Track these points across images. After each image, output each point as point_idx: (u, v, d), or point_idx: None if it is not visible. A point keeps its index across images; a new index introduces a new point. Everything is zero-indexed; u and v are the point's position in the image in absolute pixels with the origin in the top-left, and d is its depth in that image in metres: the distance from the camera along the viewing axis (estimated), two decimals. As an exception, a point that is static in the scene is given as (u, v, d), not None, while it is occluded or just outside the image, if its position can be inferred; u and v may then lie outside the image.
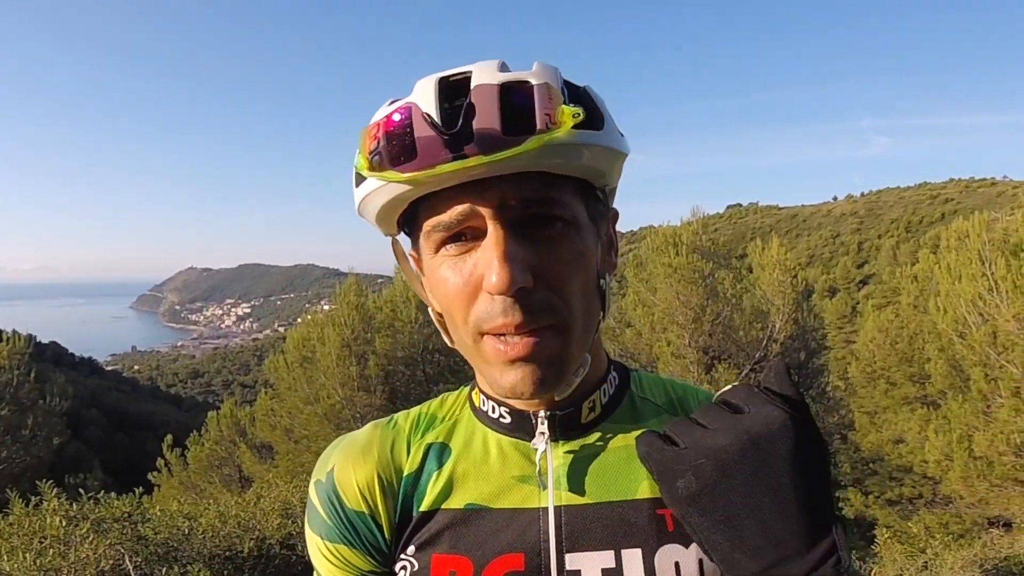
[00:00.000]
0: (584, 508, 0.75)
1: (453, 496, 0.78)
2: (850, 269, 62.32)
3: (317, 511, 0.81)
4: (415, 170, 0.64)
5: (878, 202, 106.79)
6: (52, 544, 3.38)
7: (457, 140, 0.63)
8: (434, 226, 0.69)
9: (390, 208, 0.71)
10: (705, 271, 11.31)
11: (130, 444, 29.19)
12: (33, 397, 9.32)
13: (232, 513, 4.68)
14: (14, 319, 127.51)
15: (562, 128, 0.64)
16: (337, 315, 11.80)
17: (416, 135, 0.64)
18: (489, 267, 0.65)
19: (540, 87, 0.65)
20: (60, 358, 49.94)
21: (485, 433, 0.82)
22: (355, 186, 0.72)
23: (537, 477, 0.77)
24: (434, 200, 0.68)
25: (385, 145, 0.66)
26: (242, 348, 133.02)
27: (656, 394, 0.86)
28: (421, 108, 0.65)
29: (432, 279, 0.73)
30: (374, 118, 0.69)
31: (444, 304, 0.73)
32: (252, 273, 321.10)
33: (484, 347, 0.70)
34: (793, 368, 12.36)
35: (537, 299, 0.66)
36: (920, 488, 10.16)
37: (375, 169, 0.67)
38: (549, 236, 0.68)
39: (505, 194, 0.66)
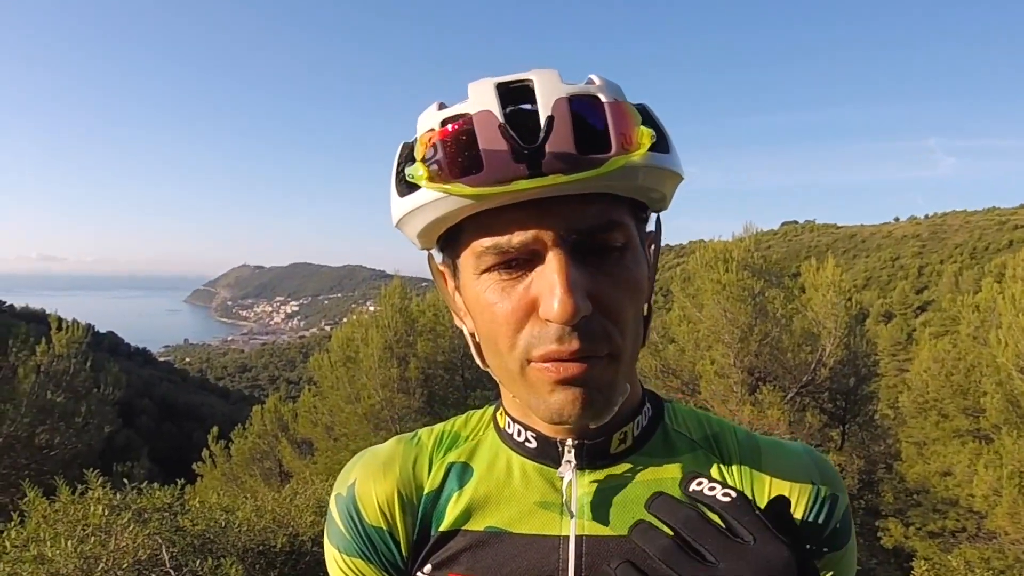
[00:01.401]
0: (606, 540, 0.74)
1: (473, 518, 0.77)
2: (908, 294, 60.61)
3: (336, 524, 0.81)
4: (484, 185, 0.59)
5: (942, 225, 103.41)
6: (94, 532, 3.47)
7: (535, 155, 0.59)
8: (488, 247, 0.64)
9: (440, 223, 0.66)
10: (755, 289, 11.09)
11: (178, 434, 29.86)
12: (88, 385, 9.56)
13: (268, 508, 4.74)
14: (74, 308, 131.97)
15: (640, 150, 0.62)
16: (381, 317, 11.93)
17: (483, 146, 0.60)
18: (550, 295, 0.61)
19: (613, 104, 0.62)
20: (116, 348, 51.60)
21: (509, 456, 0.80)
22: (398, 196, 0.67)
23: (561, 505, 0.76)
24: (489, 217, 0.63)
25: (447, 155, 0.61)
26: (289, 345, 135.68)
27: (691, 428, 0.82)
28: (491, 116, 0.61)
29: (474, 300, 0.69)
30: (425, 123, 0.66)
31: (487, 328, 0.68)
32: (302, 272, 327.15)
33: (530, 373, 0.66)
34: (841, 394, 12.05)
35: (595, 326, 0.63)
36: (964, 522, 9.84)
37: (436, 180, 0.61)
38: (607, 261, 0.65)
39: (570, 217, 0.62)
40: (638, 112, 0.65)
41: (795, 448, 0.81)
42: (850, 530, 0.78)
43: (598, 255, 0.65)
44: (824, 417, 11.79)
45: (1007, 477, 8.25)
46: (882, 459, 12.91)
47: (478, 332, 0.71)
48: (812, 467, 0.78)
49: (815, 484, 0.76)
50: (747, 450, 0.80)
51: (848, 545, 0.77)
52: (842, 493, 0.78)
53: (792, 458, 0.79)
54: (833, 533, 0.76)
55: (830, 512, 0.76)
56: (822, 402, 11.95)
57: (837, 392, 12.02)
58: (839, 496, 0.77)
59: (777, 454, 0.79)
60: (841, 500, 0.77)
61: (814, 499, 0.76)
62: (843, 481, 0.80)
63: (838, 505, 0.77)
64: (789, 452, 0.80)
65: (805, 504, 0.75)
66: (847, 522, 0.77)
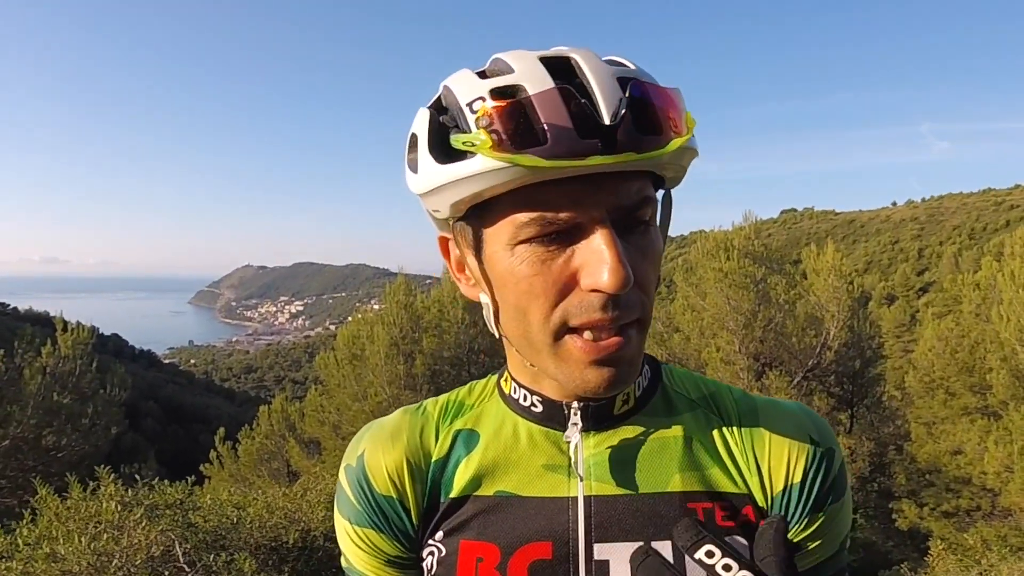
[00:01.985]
0: (614, 499, 0.75)
1: (482, 483, 0.78)
2: (910, 276, 60.63)
3: (347, 495, 0.82)
4: (557, 158, 0.60)
5: (940, 208, 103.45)
6: (106, 529, 3.47)
7: (610, 133, 0.61)
8: (533, 219, 0.65)
9: (486, 193, 0.66)
10: (757, 276, 11.12)
11: (184, 436, 29.94)
12: (94, 387, 9.57)
13: (279, 504, 4.74)
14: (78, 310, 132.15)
15: (688, 133, 0.66)
16: (386, 314, 11.95)
17: (545, 120, 0.60)
18: (599, 265, 0.63)
19: (669, 90, 0.66)
20: (121, 350, 51.71)
21: (516, 421, 0.81)
22: (436, 163, 0.67)
23: (568, 466, 0.77)
24: (532, 191, 0.64)
25: (509, 126, 0.61)
26: (294, 345, 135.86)
27: (689, 388, 0.84)
28: (556, 93, 0.61)
29: (504, 271, 0.69)
30: (468, 90, 0.66)
31: (517, 299, 0.69)
32: (306, 272, 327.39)
33: (566, 345, 0.68)
34: (848, 377, 12.06)
35: (631, 297, 0.67)
36: (978, 500, 9.87)
37: (497, 149, 0.61)
38: (636, 235, 0.68)
39: (619, 193, 0.65)
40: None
41: (790, 406, 0.83)
42: (845, 484, 0.80)
43: (632, 230, 0.68)
44: (832, 400, 11.81)
45: (1018, 453, 8.32)
46: (892, 440, 12.93)
47: (502, 302, 0.72)
48: (808, 424, 0.80)
49: (813, 439, 0.79)
50: (744, 409, 0.81)
51: (844, 498, 0.79)
52: (837, 447, 0.81)
53: (788, 416, 0.81)
54: (831, 486, 0.78)
55: (828, 466, 0.78)
56: (829, 385, 11.97)
57: (843, 375, 12.03)
58: (835, 450, 0.80)
59: (774, 413, 0.81)
60: (836, 454, 0.80)
61: (812, 455, 0.78)
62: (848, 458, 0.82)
63: (834, 459, 0.79)
64: (785, 410, 0.82)
65: (806, 459, 0.77)
66: (843, 474, 0.80)
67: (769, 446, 0.78)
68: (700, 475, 0.76)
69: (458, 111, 0.66)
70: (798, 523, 0.76)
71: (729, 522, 0.74)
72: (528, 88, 0.62)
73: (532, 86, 0.62)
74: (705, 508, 0.74)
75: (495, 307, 0.74)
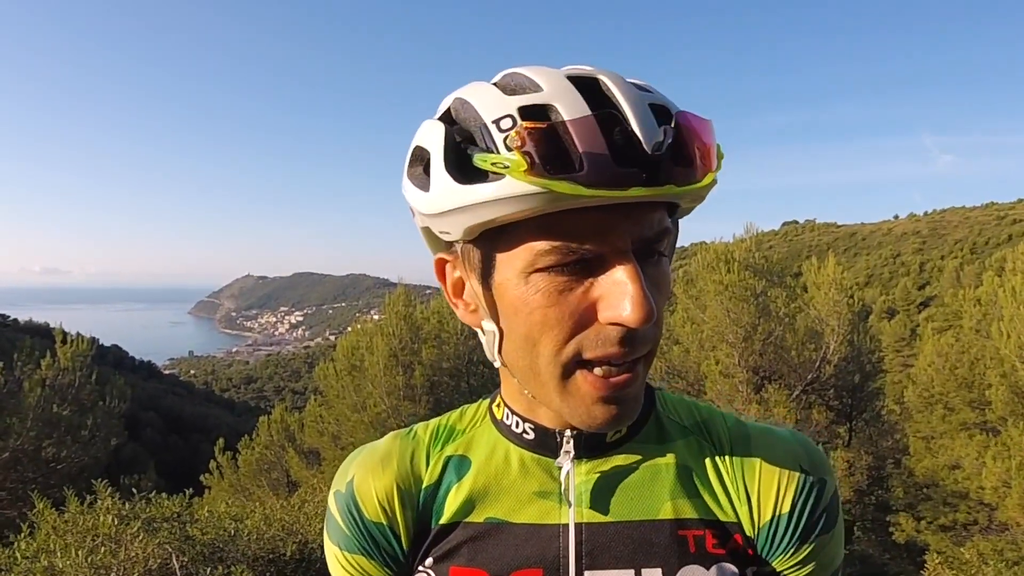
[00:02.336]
0: (605, 526, 0.75)
1: (473, 510, 0.77)
2: (910, 290, 60.50)
3: (336, 521, 0.81)
4: (597, 187, 0.58)
5: (942, 222, 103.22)
6: (104, 542, 3.48)
7: (653, 164, 0.59)
8: (556, 248, 0.62)
9: (509, 217, 0.62)
10: (757, 289, 11.10)
11: (184, 446, 29.87)
12: (93, 398, 9.53)
13: (277, 516, 4.75)
14: (78, 322, 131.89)
15: (719, 167, 0.65)
16: (386, 325, 11.92)
17: (583, 148, 0.57)
18: (622, 298, 0.61)
19: (707, 122, 0.64)
20: (121, 361, 51.66)
21: (507, 447, 0.80)
22: (455, 182, 0.62)
23: (559, 493, 0.77)
24: (555, 218, 0.61)
25: (543, 150, 0.58)
26: (294, 355, 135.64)
27: (682, 414, 0.83)
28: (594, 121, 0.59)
29: (515, 300, 0.67)
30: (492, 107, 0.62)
31: (527, 329, 0.67)
32: (306, 282, 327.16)
33: (576, 380, 0.67)
34: (847, 391, 12.04)
35: (647, 331, 0.65)
36: (975, 514, 9.83)
37: (531, 173, 0.58)
38: (651, 266, 0.66)
39: (644, 225, 0.64)
40: None
41: (783, 435, 0.82)
42: (837, 515, 0.79)
43: (649, 262, 0.66)
44: (831, 414, 11.77)
45: (1016, 468, 8.25)
46: (890, 454, 12.87)
47: (511, 331, 0.70)
48: (801, 453, 0.79)
49: (804, 469, 0.77)
50: (737, 437, 0.80)
51: (835, 529, 0.78)
52: (829, 478, 0.79)
53: (781, 444, 0.80)
54: (820, 517, 0.77)
55: (818, 497, 0.77)
56: (828, 399, 11.93)
57: (843, 389, 12.00)
58: (827, 480, 0.78)
59: (766, 441, 0.80)
60: (828, 485, 0.78)
61: (802, 485, 0.77)
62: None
63: (826, 489, 0.78)
64: (777, 438, 0.80)
65: (795, 489, 0.76)
66: (834, 507, 0.78)
67: (759, 475, 0.77)
68: (692, 502, 0.76)
69: (481, 128, 0.62)
70: (784, 552, 0.76)
71: (720, 549, 0.74)
72: (561, 110, 0.59)
73: (565, 108, 0.60)
74: (696, 536, 0.74)
75: (500, 336, 0.72)
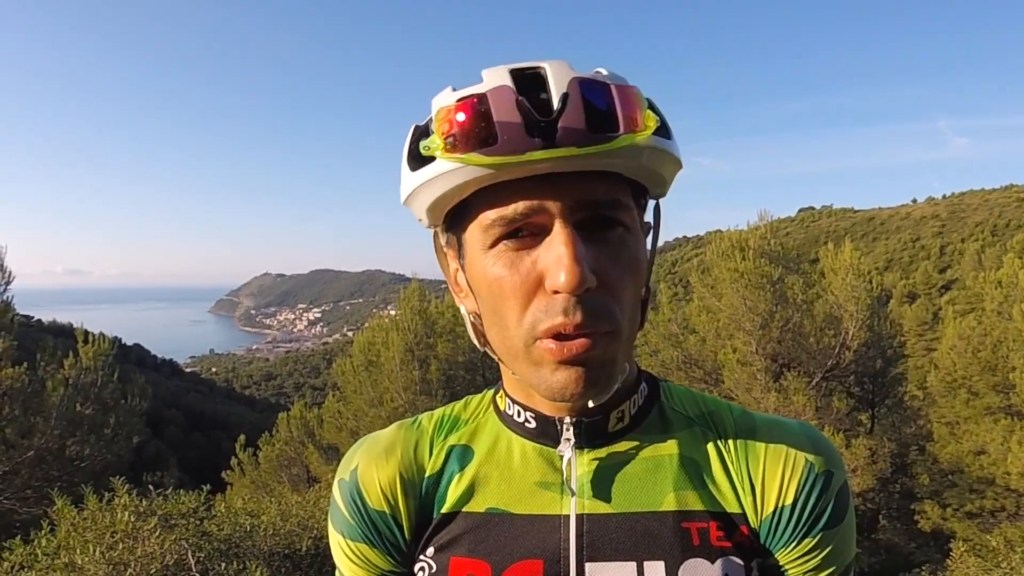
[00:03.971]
0: (607, 517, 0.74)
1: (474, 499, 0.77)
2: (931, 274, 59.76)
3: (340, 510, 0.82)
4: (501, 155, 0.61)
5: (961, 205, 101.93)
6: (122, 539, 3.52)
7: (549, 128, 0.61)
8: (495, 219, 0.66)
9: (450, 196, 0.68)
10: (773, 276, 10.99)
11: (206, 443, 30.21)
12: (116, 397, 9.63)
13: (293, 512, 4.78)
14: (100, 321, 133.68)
15: (647, 131, 0.64)
16: (401, 320, 12.00)
17: (498, 119, 0.62)
18: (557, 265, 0.62)
19: (623, 88, 0.65)
20: (143, 360, 52.29)
21: (510, 437, 0.80)
22: (410, 171, 0.69)
23: (561, 484, 0.76)
24: (498, 192, 0.65)
25: (463, 128, 0.63)
26: (313, 352, 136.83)
27: (687, 406, 0.83)
28: (506, 92, 0.63)
29: (480, 275, 0.70)
30: (440, 102, 0.67)
31: (493, 303, 0.69)
32: (323, 279, 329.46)
33: (538, 348, 0.67)
34: (868, 377, 11.92)
35: (597, 301, 0.65)
36: (1002, 500, 9.73)
37: (450, 151, 0.63)
38: (609, 239, 0.67)
39: (578, 192, 0.64)
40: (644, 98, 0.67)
41: (791, 425, 0.80)
42: (846, 509, 0.77)
43: (602, 233, 0.66)
44: (852, 401, 11.65)
45: (1042, 454, 8.15)
46: (914, 441, 12.74)
47: (483, 308, 0.72)
48: (807, 444, 0.77)
49: (809, 461, 0.76)
50: (743, 428, 0.79)
51: (843, 523, 0.76)
52: (838, 470, 0.77)
53: (787, 435, 0.78)
54: (825, 510, 0.75)
55: (824, 488, 0.75)
56: (849, 386, 11.82)
57: (863, 375, 11.88)
58: (834, 473, 0.76)
59: (772, 431, 0.79)
60: (836, 477, 0.76)
61: (807, 475, 0.75)
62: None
63: (832, 481, 0.76)
64: (784, 429, 0.79)
65: (799, 480, 0.75)
66: (842, 501, 0.76)
67: (764, 466, 0.76)
68: (695, 494, 0.75)
69: (430, 121, 0.67)
70: (786, 545, 0.74)
71: (725, 542, 0.73)
72: (488, 92, 0.63)
73: (493, 90, 0.63)
74: (700, 528, 0.73)
75: (474, 317, 0.74)
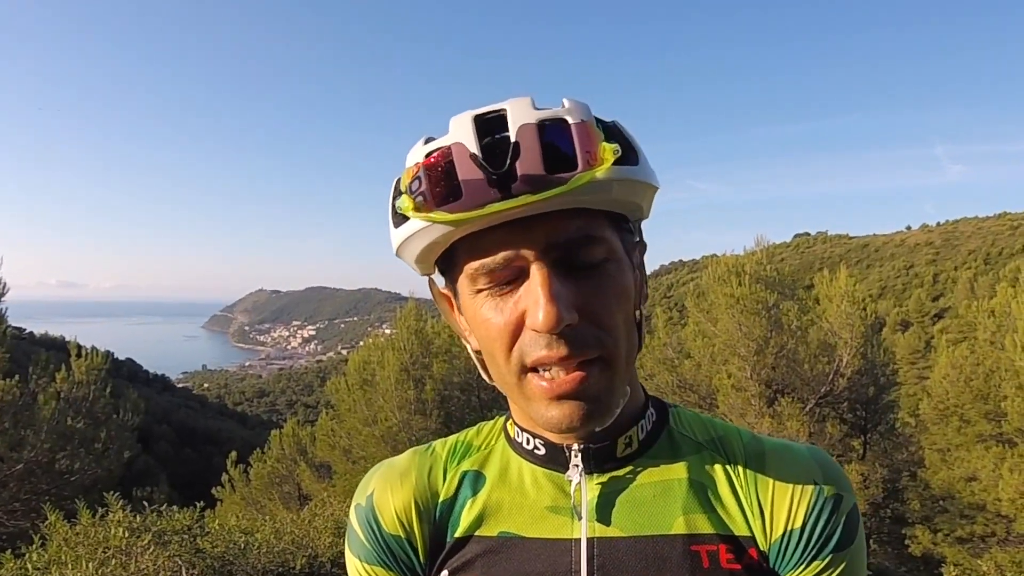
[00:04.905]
0: (617, 541, 0.75)
1: (487, 524, 0.79)
2: (924, 302, 59.92)
3: (357, 534, 0.84)
4: (463, 210, 0.64)
5: (955, 232, 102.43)
6: (115, 555, 3.50)
7: (504, 179, 0.63)
8: (477, 268, 0.68)
9: (432, 249, 0.71)
10: (769, 302, 11.04)
11: (197, 459, 29.97)
12: (107, 411, 9.57)
13: (287, 530, 4.76)
14: (93, 335, 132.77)
15: (604, 165, 0.65)
16: (397, 339, 11.98)
17: (461, 176, 0.64)
18: (535, 306, 0.65)
19: (578, 126, 0.65)
20: (135, 375, 51.95)
21: (520, 463, 0.82)
22: (394, 227, 0.72)
23: (571, 508, 0.78)
24: (476, 240, 0.67)
25: (430, 186, 0.65)
26: (306, 369, 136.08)
27: (696, 431, 0.84)
28: (465, 148, 0.65)
29: (473, 318, 0.73)
30: (412, 158, 0.69)
31: (486, 343, 0.72)
32: (318, 296, 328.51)
33: (528, 384, 0.69)
34: (861, 404, 11.94)
35: (583, 333, 0.66)
36: (993, 526, 9.74)
37: (420, 210, 0.66)
38: (591, 272, 0.68)
39: (549, 233, 0.66)
40: (602, 130, 0.68)
41: (800, 449, 0.81)
42: (856, 533, 0.77)
43: (582, 268, 0.68)
44: (845, 427, 11.68)
45: (1033, 480, 8.19)
46: (906, 467, 12.75)
47: (482, 348, 0.75)
48: (815, 468, 0.78)
49: (818, 484, 0.77)
50: (752, 452, 0.80)
51: (853, 546, 0.77)
52: (847, 494, 0.78)
53: (796, 459, 0.79)
54: (835, 533, 0.76)
55: (833, 511, 0.76)
56: (842, 412, 11.84)
57: (856, 402, 11.90)
58: (843, 496, 0.77)
59: (781, 456, 0.80)
60: (846, 500, 0.77)
61: (816, 498, 0.76)
62: (851, 483, 0.80)
63: (842, 504, 0.77)
64: (793, 453, 0.80)
65: (808, 504, 0.76)
66: (852, 524, 0.77)
67: (772, 488, 0.77)
68: (704, 517, 0.76)
69: (400, 179, 0.70)
70: (795, 568, 0.75)
71: (735, 564, 0.74)
72: (452, 148, 0.65)
73: (454, 145, 0.65)
74: (710, 551, 0.74)
75: (479, 355, 0.77)
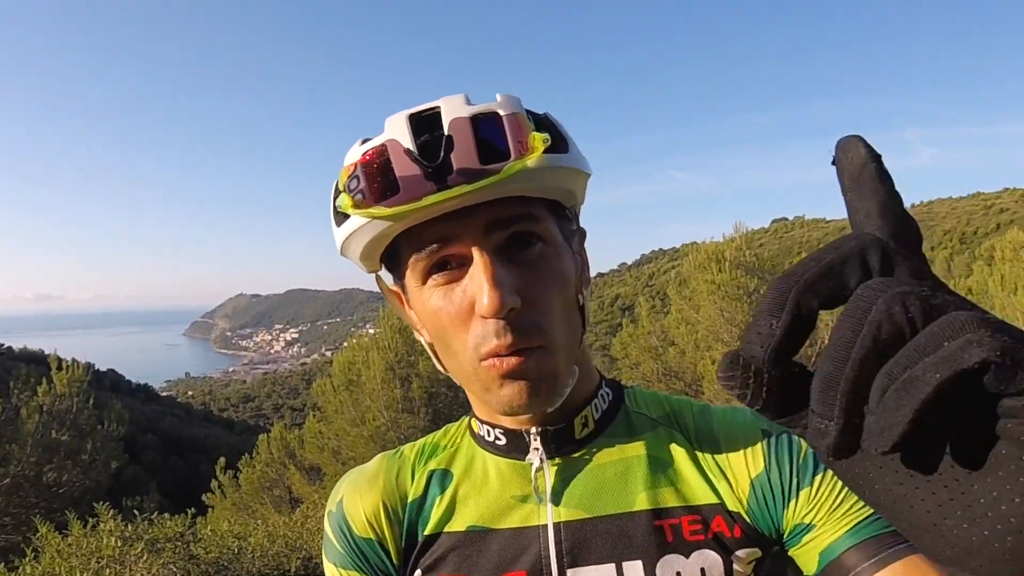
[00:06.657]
0: (583, 523, 0.77)
1: (455, 519, 0.81)
2: (903, 282, 60.35)
3: (331, 540, 0.86)
4: (401, 204, 0.65)
5: (930, 213, 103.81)
6: (108, 564, 3.49)
7: (439, 172, 0.65)
8: (421, 258, 0.70)
9: (374, 245, 0.72)
10: (750, 287, 11.16)
11: (184, 467, 29.82)
12: (92, 423, 9.54)
13: (280, 533, 4.76)
14: (74, 347, 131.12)
15: (534, 153, 0.67)
16: (381, 339, 12.00)
17: (397, 171, 0.66)
18: (480, 291, 0.67)
19: (509, 117, 0.68)
20: (118, 385, 51.51)
21: (484, 457, 0.84)
22: (336, 226, 0.73)
23: (535, 494, 0.80)
24: (418, 234, 0.70)
25: (367, 182, 0.67)
26: (291, 373, 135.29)
27: (651, 408, 0.86)
28: (400, 144, 0.67)
29: (422, 310, 0.74)
30: (349, 158, 0.71)
31: (438, 333, 0.74)
32: (299, 298, 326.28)
33: (482, 369, 0.71)
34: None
35: (526, 320, 0.69)
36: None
37: (359, 207, 0.67)
38: (530, 258, 0.71)
39: (488, 221, 0.68)
40: (533, 121, 0.71)
41: (744, 409, 0.81)
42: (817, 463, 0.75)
43: (522, 253, 0.70)
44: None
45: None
46: (888, 447, 12.93)
47: (433, 339, 0.77)
48: (761, 419, 0.76)
49: (764, 432, 0.78)
50: (702, 420, 0.83)
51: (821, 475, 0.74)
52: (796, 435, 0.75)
53: (740, 415, 0.82)
54: (806, 461, 0.75)
55: (790, 447, 0.76)
56: (825, 394, 11.98)
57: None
58: (792, 436, 0.77)
59: (727, 415, 0.83)
60: (795, 439, 0.77)
61: (767, 444, 0.77)
62: None
63: (794, 441, 0.77)
64: (739, 411, 0.83)
65: (763, 449, 0.77)
66: (810, 456, 0.75)
67: (726, 448, 0.79)
68: (666, 491, 0.78)
69: (341, 176, 0.71)
70: (786, 507, 0.74)
71: (699, 535, 0.75)
72: (387, 144, 0.67)
73: (390, 142, 0.68)
74: (672, 524, 0.76)
75: (432, 347, 0.79)
